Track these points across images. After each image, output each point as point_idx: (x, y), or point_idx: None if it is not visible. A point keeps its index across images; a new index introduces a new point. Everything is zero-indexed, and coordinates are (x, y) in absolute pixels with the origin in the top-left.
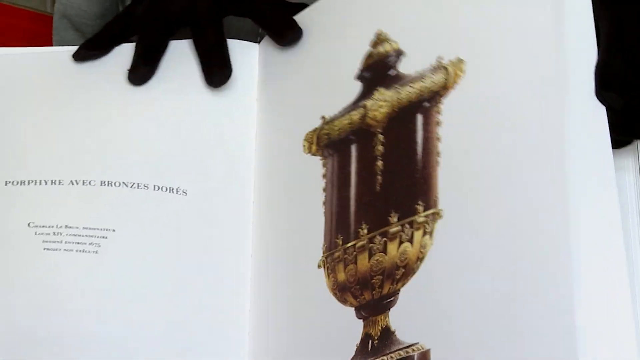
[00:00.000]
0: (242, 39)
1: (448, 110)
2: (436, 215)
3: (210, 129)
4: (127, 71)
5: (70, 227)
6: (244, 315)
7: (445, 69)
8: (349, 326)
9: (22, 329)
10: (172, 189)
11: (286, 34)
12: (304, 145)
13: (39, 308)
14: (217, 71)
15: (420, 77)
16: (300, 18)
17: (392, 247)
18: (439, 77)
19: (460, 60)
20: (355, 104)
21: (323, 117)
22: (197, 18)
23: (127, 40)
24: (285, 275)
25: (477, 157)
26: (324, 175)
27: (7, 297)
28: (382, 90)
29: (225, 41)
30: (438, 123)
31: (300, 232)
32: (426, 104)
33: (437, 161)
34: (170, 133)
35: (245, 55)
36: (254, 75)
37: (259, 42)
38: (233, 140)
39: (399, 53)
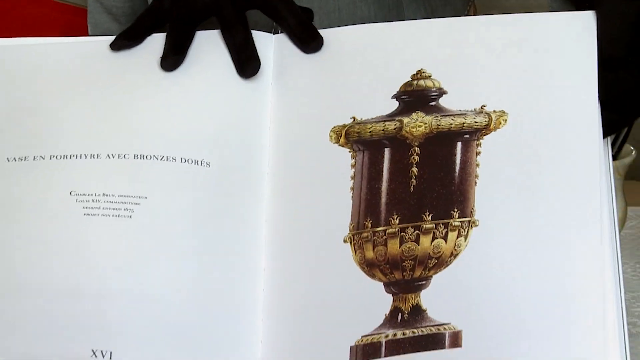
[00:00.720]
0: (258, 30)
1: (488, 144)
2: (472, 224)
3: (230, 108)
4: (160, 59)
5: (107, 195)
6: (259, 273)
7: (489, 115)
8: (377, 298)
9: (64, 284)
10: (197, 161)
11: (309, 42)
12: (330, 136)
13: (79, 266)
14: (248, 64)
15: (463, 114)
16: (336, 32)
17: (425, 240)
18: (481, 119)
19: (503, 112)
20: (390, 117)
21: (354, 118)
22: (222, 12)
23: (157, 30)
24: (306, 242)
25: (512, 183)
26: (353, 165)
27: (51, 257)
28: (421, 114)
29: (252, 36)
30: (478, 153)
31: (324, 208)
32: (467, 136)
33: (475, 181)
34: (195, 112)
35: (262, 44)
36: (269, 63)
37: (273, 33)
38: (249, 119)
39: (441, 91)
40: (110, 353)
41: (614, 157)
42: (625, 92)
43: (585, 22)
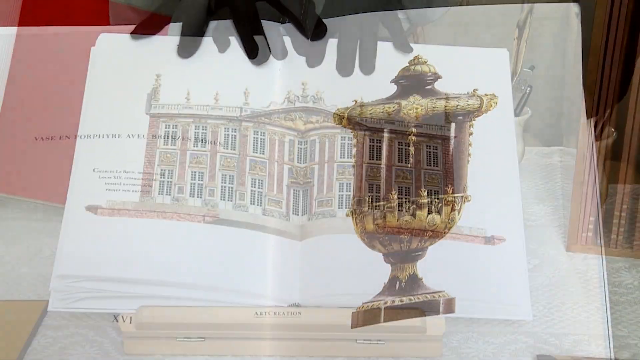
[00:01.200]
0: (266, 19)
1: (480, 125)
2: (465, 199)
3: (242, 92)
4: (177, 46)
5: (127, 172)
6: (267, 246)
7: (480, 98)
8: (377, 267)
9: (89, 250)
10: (210, 141)
11: (314, 31)
12: (334, 117)
13: (102, 236)
14: (259, 54)
15: (456, 97)
16: (338, 21)
17: (421, 214)
18: (473, 102)
19: (494, 96)
20: (389, 99)
21: (355, 101)
22: (234, 3)
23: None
24: (310, 215)
25: (499, 160)
26: (355, 145)
27: (77, 227)
28: (417, 97)
29: (262, 26)
30: (470, 133)
31: (328, 184)
32: (460, 118)
33: (468, 160)
34: (209, 96)
35: (270, 33)
36: (278, 50)
37: (280, 22)
38: (259, 100)
39: (436, 76)
40: (131, 318)
41: (596, 138)
42: (606, 78)
43: (570, 13)
